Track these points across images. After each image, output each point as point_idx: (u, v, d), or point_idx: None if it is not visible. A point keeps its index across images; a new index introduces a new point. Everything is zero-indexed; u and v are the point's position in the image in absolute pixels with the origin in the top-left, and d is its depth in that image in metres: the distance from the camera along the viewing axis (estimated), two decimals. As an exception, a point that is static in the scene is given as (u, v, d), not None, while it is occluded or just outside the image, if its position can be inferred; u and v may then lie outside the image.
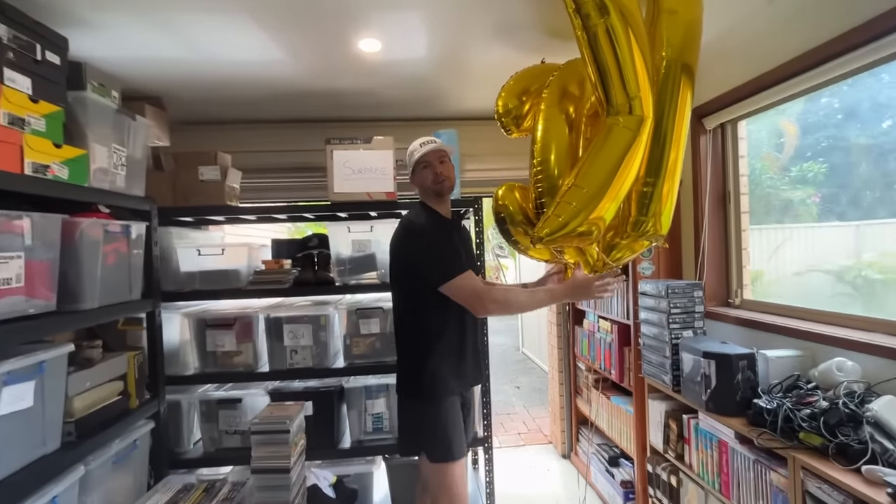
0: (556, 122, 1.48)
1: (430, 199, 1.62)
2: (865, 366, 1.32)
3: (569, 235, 1.31)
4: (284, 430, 1.49)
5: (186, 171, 2.06)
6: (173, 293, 2.08)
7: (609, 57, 1.23)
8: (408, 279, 1.55)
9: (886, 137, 1.54)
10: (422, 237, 1.52)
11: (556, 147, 1.48)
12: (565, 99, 1.53)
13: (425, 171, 1.59)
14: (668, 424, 1.84)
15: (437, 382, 1.51)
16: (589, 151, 1.32)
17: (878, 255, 1.64)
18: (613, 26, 1.21)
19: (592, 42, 1.24)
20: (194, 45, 1.66)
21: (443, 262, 1.47)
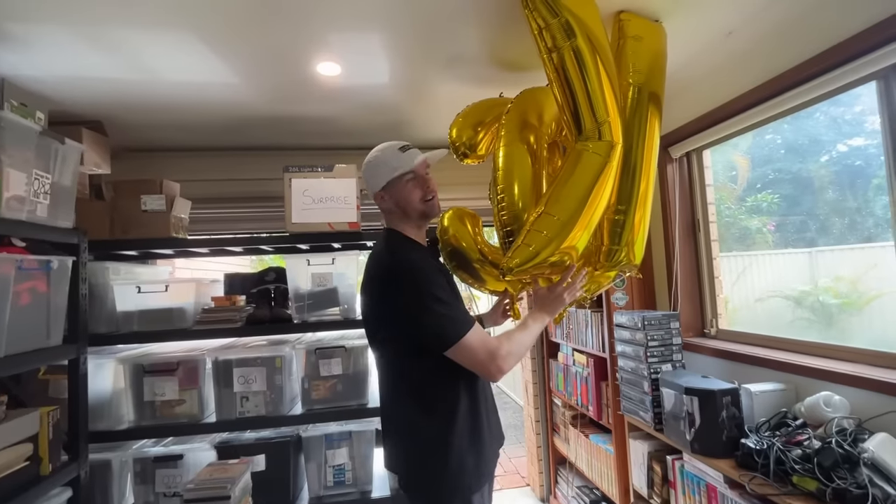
0: (518, 149, 1.39)
1: (409, 224, 1.24)
2: (853, 400, 1.26)
3: (540, 265, 1.21)
4: (224, 496, 1.29)
5: (127, 201, 1.88)
6: (107, 336, 1.86)
7: (577, 80, 1.19)
8: (401, 338, 1.14)
9: (825, 170, 1.67)
10: (413, 282, 1.10)
11: (518, 175, 1.38)
12: (525, 129, 1.45)
13: (410, 186, 1.20)
14: (651, 466, 1.72)
15: (467, 474, 1.12)
16: (558, 178, 1.25)
17: (833, 281, 1.70)
18: (580, 49, 1.17)
19: (559, 65, 1.20)
20: (137, 64, 1.54)
21: (447, 317, 1.08)
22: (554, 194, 1.23)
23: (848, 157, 1.62)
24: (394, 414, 1.22)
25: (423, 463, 1.14)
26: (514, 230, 1.31)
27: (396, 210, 1.23)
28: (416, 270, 1.12)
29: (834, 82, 1.32)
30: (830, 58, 1.29)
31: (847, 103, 1.55)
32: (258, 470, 1.88)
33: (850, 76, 1.27)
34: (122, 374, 1.90)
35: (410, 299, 1.09)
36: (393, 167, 1.20)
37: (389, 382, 1.22)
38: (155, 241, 1.86)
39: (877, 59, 1.20)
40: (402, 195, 1.21)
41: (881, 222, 1.46)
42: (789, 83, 1.43)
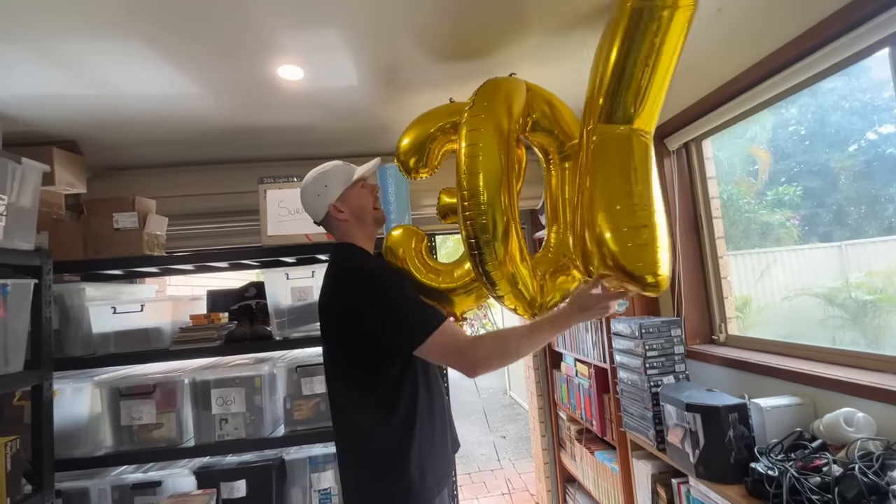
0: (489, 143, 1.25)
1: (364, 233, 1.25)
2: (880, 417, 1.08)
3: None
4: (178, 532, 1.19)
5: (99, 220, 1.84)
6: (83, 359, 1.82)
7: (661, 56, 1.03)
8: (362, 344, 1.11)
9: (854, 160, 1.57)
10: (377, 285, 1.11)
11: (489, 172, 1.24)
12: (498, 121, 1.31)
13: (364, 193, 1.24)
14: (655, 489, 1.56)
15: (424, 480, 1.11)
16: (611, 167, 1.07)
17: (865, 276, 1.60)
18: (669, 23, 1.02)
19: (646, 31, 1.02)
20: (95, 79, 1.49)
21: (417, 312, 1.09)
22: (621, 185, 1.05)
23: (878, 144, 1.51)
24: (350, 429, 1.18)
25: (383, 471, 1.11)
26: (490, 237, 1.17)
27: (352, 220, 1.24)
28: (377, 273, 1.17)
29: (841, 52, 1.16)
30: (835, 24, 1.13)
31: (875, 89, 1.42)
32: (238, 496, 1.80)
33: (859, 43, 1.12)
34: (99, 398, 1.85)
35: (376, 302, 1.10)
36: (348, 175, 1.24)
37: (345, 395, 1.18)
38: (127, 259, 1.81)
39: (887, 22, 1.04)
40: (359, 202, 1.24)
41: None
42: (792, 56, 1.27)
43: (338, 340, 1.18)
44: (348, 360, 1.17)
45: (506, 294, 1.19)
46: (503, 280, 1.17)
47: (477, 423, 5.10)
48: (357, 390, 1.15)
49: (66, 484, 1.73)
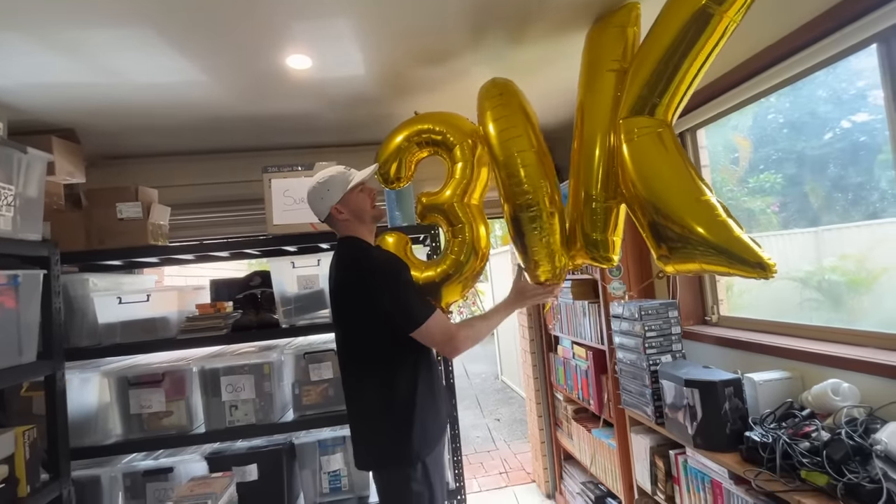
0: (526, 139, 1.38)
1: (365, 229, 1.43)
2: (863, 387, 1.18)
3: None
4: (205, 512, 1.23)
5: (102, 210, 1.82)
6: (90, 349, 1.82)
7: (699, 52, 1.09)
8: (377, 324, 1.30)
9: (829, 148, 1.65)
10: (387, 275, 1.30)
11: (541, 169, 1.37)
12: (527, 117, 1.43)
13: (362, 197, 1.41)
14: (654, 462, 1.65)
15: (424, 436, 1.32)
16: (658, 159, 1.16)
17: (838, 259, 1.66)
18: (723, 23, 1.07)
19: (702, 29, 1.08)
20: (99, 67, 1.47)
21: (415, 301, 1.30)
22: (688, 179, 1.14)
23: (852, 133, 1.58)
24: (361, 398, 1.35)
25: (394, 433, 1.31)
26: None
27: (353, 219, 1.40)
28: (394, 262, 1.36)
29: (833, 47, 1.23)
30: (828, 21, 1.20)
31: (849, 78, 1.49)
32: (250, 480, 1.84)
33: (850, 39, 1.18)
34: (108, 388, 1.86)
35: (391, 286, 1.28)
36: (347, 181, 1.38)
37: (362, 367, 1.35)
38: (132, 249, 1.81)
39: (877, 20, 1.11)
40: (358, 204, 1.40)
41: (887, 197, 1.38)
42: (786, 51, 1.34)
43: (353, 322, 1.34)
44: (363, 339, 1.33)
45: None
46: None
47: (470, 408, 5.21)
48: (370, 366, 1.33)
49: (77, 472, 1.74)
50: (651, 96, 1.16)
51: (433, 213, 1.62)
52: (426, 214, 1.63)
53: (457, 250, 1.57)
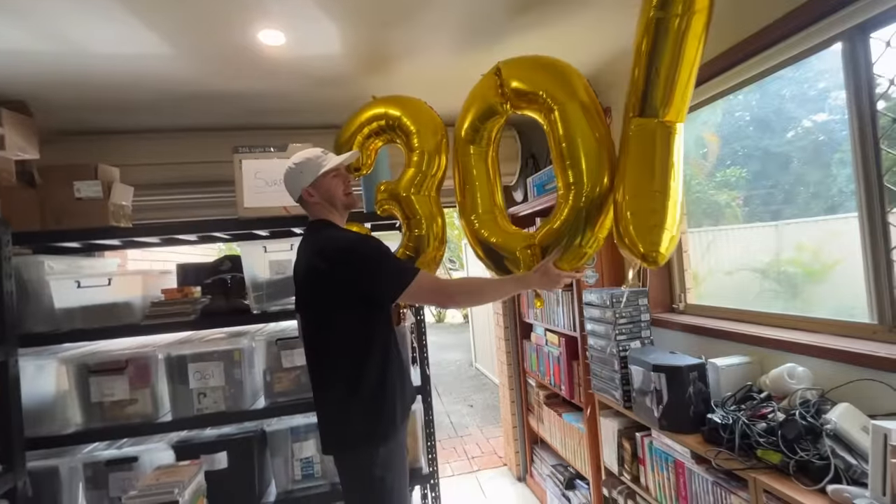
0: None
1: (336, 214, 1.43)
2: (816, 370, 1.25)
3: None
4: (171, 501, 1.20)
5: (59, 189, 1.72)
6: (46, 335, 1.73)
7: (690, 51, 1.12)
8: (348, 308, 1.30)
9: (791, 146, 1.72)
10: (366, 248, 1.30)
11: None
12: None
13: (336, 182, 1.40)
14: (621, 444, 1.71)
15: (387, 422, 1.33)
16: (647, 157, 1.19)
17: (795, 251, 1.74)
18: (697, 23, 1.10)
19: (676, 30, 1.10)
20: (56, 35, 1.37)
21: (399, 266, 1.31)
22: (646, 173, 1.18)
23: (812, 132, 1.64)
24: (327, 383, 1.35)
25: (358, 417, 1.31)
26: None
27: (324, 203, 1.40)
28: (367, 237, 1.37)
29: (799, 45, 1.27)
30: (796, 19, 1.24)
31: (812, 79, 1.55)
32: (220, 468, 1.80)
33: (815, 38, 1.23)
34: (66, 375, 1.77)
35: (369, 258, 1.28)
36: (319, 165, 1.37)
37: (324, 353, 1.35)
38: (91, 231, 1.72)
39: (841, 19, 1.15)
40: (329, 190, 1.39)
41: (844, 193, 1.46)
42: (754, 48, 1.38)
43: (321, 306, 1.33)
44: (331, 324, 1.32)
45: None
46: None
47: (444, 394, 5.27)
48: (337, 351, 1.32)
49: (34, 463, 1.67)
50: (646, 100, 1.19)
51: (391, 202, 1.62)
52: (384, 204, 1.63)
53: (412, 245, 1.58)
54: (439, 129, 1.59)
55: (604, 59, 1.93)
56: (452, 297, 1.32)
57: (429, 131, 1.57)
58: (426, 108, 1.61)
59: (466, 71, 1.47)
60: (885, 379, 1.09)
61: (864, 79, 1.19)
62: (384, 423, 1.31)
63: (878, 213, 1.19)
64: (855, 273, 1.28)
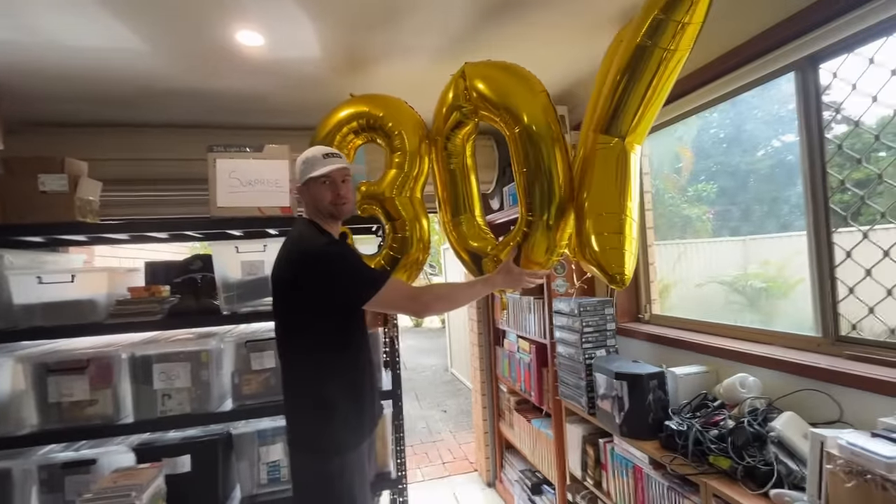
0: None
1: (323, 219, 1.40)
2: (766, 380, 1.31)
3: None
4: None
5: (22, 181, 1.67)
6: (2, 332, 1.67)
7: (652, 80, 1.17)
8: (316, 313, 1.29)
9: (761, 164, 1.78)
10: (329, 256, 1.27)
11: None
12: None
13: (323, 188, 1.36)
14: (585, 450, 1.75)
15: (349, 432, 1.31)
16: (603, 176, 1.26)
17: (760, 266, 1.80)
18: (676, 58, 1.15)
19: (646, 61, 1.16)
20: (24, 25, 1.34)
21: (366, 273, 1.29)
22: (608, 194, 1.25)
23: (781, 152, 1.72)
24: (297, 379, 1.34)
25: (317, 425, 1.29)
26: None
27: (311, 205, 1.39)
28: (330, 246, 1.31)
29: (758, 71, 1.35)
30: (754, 47, 1.31)
31: (782, 100, 1.63)
32: (183, 471, 1.77)
33: (772, 65, 1.30)
34: (22, 374, 1.71)
35: (329, 267, 1.25)
36: (312, 168, 1.35)
37: (297, 350, 1.34)
38: (56, 225, 1.67)
39: (793, 50, 1.23)
40: (314, 194, 1.37)
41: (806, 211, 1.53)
42: (718, 71, 1.46)
43: (291, 307, 1.33)
44: (300, 327, 1.32)
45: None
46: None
47: (419, 399, 5.26)
48: (304, 356, 1.32)
49: (-18, 465, 1.61)
50: (615, 119, 1.24)
51: (372, 203, 1.61)
52: (364, 205, 1.63)
53: (396, 247, 1.58)
54: (420, 128, 1.59)
55: (569, 80, 1.99)
56: (427, 305, 1.30)
57: (411, 131, 1.56)
58: (406, 107, 1.60)
59: (445, 77, 1.49)
60: (825, 389, 1.16)
61: (814, 106, 1.26)
62: (339, 436, 1.29)
63: (823, 232, 1.27)
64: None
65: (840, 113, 1.23)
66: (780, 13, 1.24)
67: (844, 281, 1.24)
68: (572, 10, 1.45)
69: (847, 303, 1.24)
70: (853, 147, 1.22)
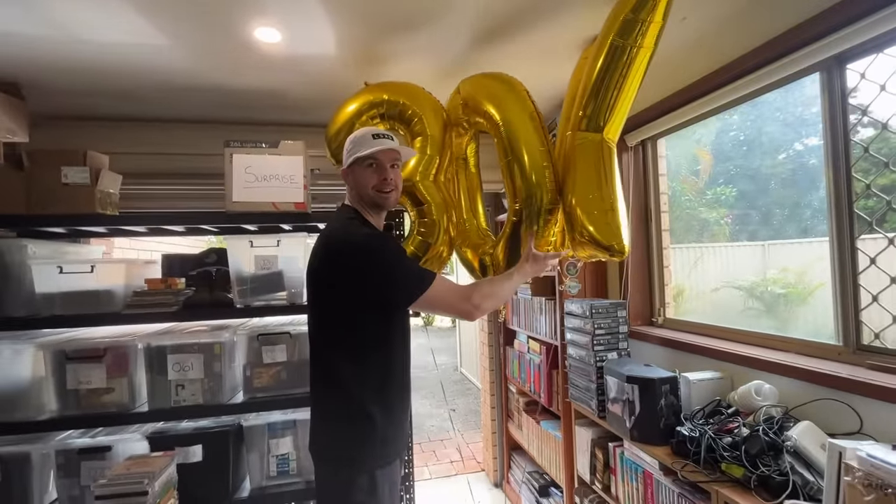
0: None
1: (365, 208, 1.28)
2: (782, 388, 1.28)
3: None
4: (140, 491, 1.20)
5: (46, 173, 1.71)
6: (25, 319, 1.71)
7: (624, 77, 1.27)
8: (350, 309, 1.17)
9: (783, 167, 1.75)
10: (368, 248, 1.15)
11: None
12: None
13: (368, 172, 1.23)
14: (594, 453, 1.74)
15: (381, 444, 1.19)
16: (586, 165, 1.33)
17: (780, 272, 1.78)
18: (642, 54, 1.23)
19: (619, 58, 1.25)
20: (49, 20, 1.38)
21: (412, 271, 1.17)
22: (594, 180, 1.32)
23: (803, 155, 1.67)
24: (323, 388, 1.25)
25: (348, 438, 1.18)
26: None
27: (355, 191, 1.29)
28: (379, 235, 1.24)
29: (781, 71, 1.31)
30: (777, 46, 1.28)
31: (806, 103, 1.58)
32: (194, 461, 1.80)
33: (796, 66, 1.27)
34: (43, 361, 1.76)
35: (380, 260, 1.15)
36: (357, 149, 1.24)
37: (332, 355, 1.22)
38: (77, 217, 1.71)
39: (819, 50, 1.19)
40: (359, 178, 1.25)
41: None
42: (740, 71, 1.42)
43: (324, 306, 1.23)
44: (335, 327, 1.21)
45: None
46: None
47: (428, 397, 5.27)
48: (339, 358, 1.20)
49: (5, 448, 1.65)
50: (592, 116, 1.33)
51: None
52: None
53: (424, 231, 1.56)
54: (440, 110, 1.56)
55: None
56: (478, 306, 1.17)
57: (431, 115, 1.53)
58: (424, 92, 1.57)
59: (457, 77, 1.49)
60: (845, 399, 1.12)
61: (840, 108, 1.23)
62: (372, 452, 1.17)
63: (846, 237, 1.23)
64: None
65: (867, 115, 1.19)
66: (805, 11, 1.20)
67: (868, 288, 1.20)
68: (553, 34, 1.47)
69: (870, 311, 1.20)
70: (880, 151, 1.18)
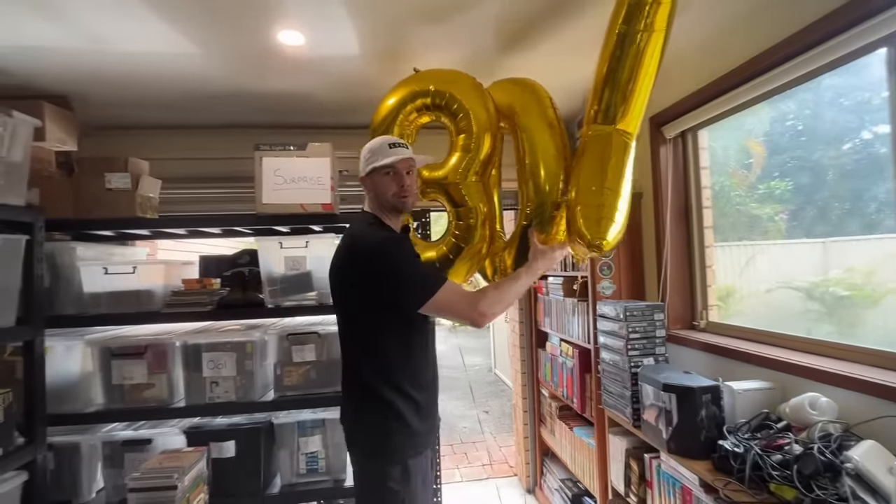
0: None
1: (384, 213, 1.35)
2: (841, 402, 1.15)
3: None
4: (170, 485, 1.24)
5: (91, 179, 1.82)
6: (73, 317, 1.82)
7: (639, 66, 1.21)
8: (371, 307, 1.24)
9: (847, 158, 1.60)
10: (385, 251, 1.22)
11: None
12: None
13: (386, 180, 1.30)
14: (628, 464, 1.64)
15: (410, 435, 1.25)
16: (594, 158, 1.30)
17: (845, 272, 1.63)
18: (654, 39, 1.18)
19: (634, 46, 1.19)
20: (89, 33, 1.45)
21: (422, 276, 1.23)
22: (598, 171, 1.28)
23: (873, 144, 1.52)
24: (352, 382, 1.31)
25: (378, 429, 1.24)
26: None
27: (375, 197, 1.35)
28: (388, 242, 1.27)
29: (839, 49, 1.18)
30: (835, 21, 1.15)
31: (875, 88, 1.43)
32: (228, 456, 1.85)
33: (857, 42, 1.13)
34: (91, 357, 1.87)
35: (392, 263, 1.21)
36: (375, 158, 1.30)
37: (353, 353, 1.31)
38: (119, 220, 1.80)
39: (885, 22, 1.06)
40: (378, 185, 1.32)
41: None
42: (790, 51, 1.29)
43: (349, 305, 1.31)
44: (360, 325, 1.29)
45: None
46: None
47: (461, 398, 5.23)
48: (366, 353, 1.28)
49: (57, 438, 1.76)
50: (603, 109, 1.29)
51: (434, 189, 1.52)
52: (426, 191, 1.54)
53: (460, 234, 1.50)
54: (489, 103, 1.49)
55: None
56: (484, 314, 1.21)
57: (480, 110, 1.46)
58: (475, 83, 1.49)
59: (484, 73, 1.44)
60: (919, 417, 0.99)
61: (910, 87, 1.09)
62: (402, 442, 1.23)
63: (920, 234, 1.09)
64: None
65: (944, 94, 1.05)
66: (868, -20, 1.07)
67: (946, 291, 1.06)
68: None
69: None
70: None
